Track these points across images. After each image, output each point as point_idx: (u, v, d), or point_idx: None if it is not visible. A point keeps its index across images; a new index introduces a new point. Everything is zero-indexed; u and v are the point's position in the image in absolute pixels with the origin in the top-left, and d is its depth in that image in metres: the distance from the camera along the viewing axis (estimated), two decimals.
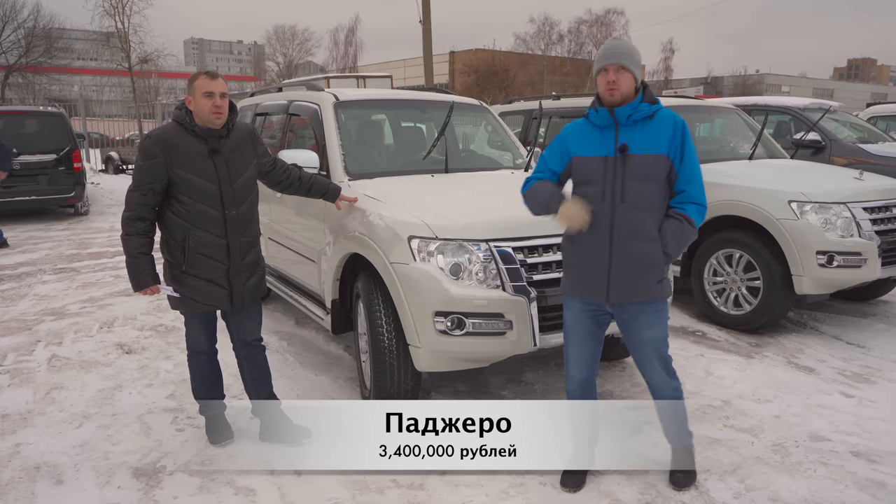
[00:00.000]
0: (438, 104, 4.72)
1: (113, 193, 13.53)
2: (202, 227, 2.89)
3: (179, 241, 2.89)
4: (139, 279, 2.86)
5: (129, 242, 2.83)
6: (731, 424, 3.40)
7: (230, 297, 3.01)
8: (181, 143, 2.83)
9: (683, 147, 2.55)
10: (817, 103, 7.80)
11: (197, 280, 2.93)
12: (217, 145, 2.89)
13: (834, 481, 2.85)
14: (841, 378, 4.03)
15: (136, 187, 2.82)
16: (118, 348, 4.58)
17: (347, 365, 4.32)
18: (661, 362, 2.69)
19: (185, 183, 2.83)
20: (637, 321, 2.63)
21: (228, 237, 2.94)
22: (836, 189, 4.76)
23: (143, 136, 2.89)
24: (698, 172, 2.58)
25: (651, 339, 2.65)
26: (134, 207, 2.82)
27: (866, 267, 4.53)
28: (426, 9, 16.04)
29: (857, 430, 3.32)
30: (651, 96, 2.60)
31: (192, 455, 3.14)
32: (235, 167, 2.95)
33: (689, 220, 2.54)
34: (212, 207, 2.88)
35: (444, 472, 2.92)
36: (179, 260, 2.91)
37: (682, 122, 2.58)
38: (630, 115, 2.56)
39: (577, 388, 2.83)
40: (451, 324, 3.05)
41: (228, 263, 2.97)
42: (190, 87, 2.85)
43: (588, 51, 48.24)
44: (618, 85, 2.55)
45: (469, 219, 3.23)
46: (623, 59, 2.56)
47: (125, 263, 2.88)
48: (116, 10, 25.05)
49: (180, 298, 2.96)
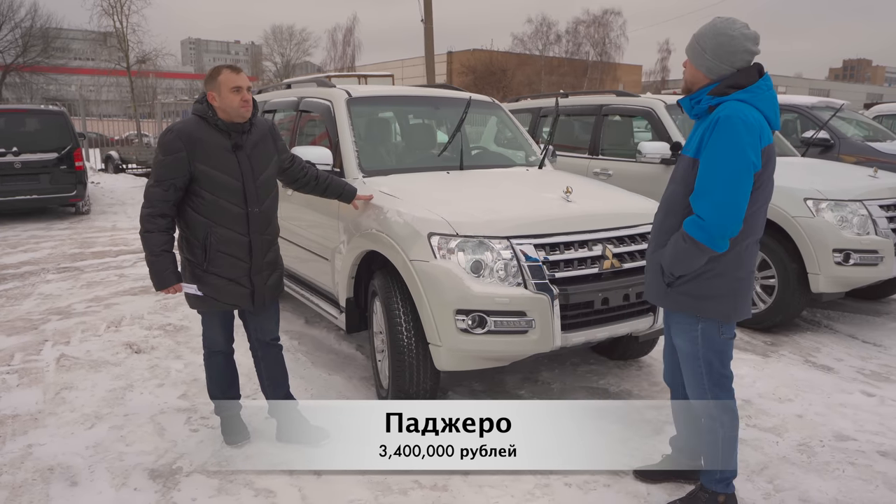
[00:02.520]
0: (451, 101, 4.67)
1: (113, 193, 13.45)
2: (224, 224, 2.83)
3: (200, 239, 2.83)
4: (162, 278, 2.79)
5: (151, 240, 2.76)
6: (754, 424, 3.36)
7: (251, 295, 2.95)
8: (204, 137, 2.76)
9: (705, 147, 2.22)
10: (825, 102, 7.77)
11: (218, 279, 2.87)
12: (240, 140, 2.83)
13: (864, 482, 2.81)
14: (860, 377, 3.99)
15: (156, 182, 2.75)
16: (127, 348, 4.51)
17: (360, 364, 4.26)
18: (693, 379, 2.47)
19: (208, 178, 2.77)
20: (670, 324, 2.56)
21: (251, 234, 2.89)
22: (852, 187, 4.73)
23: (165, 130, 2.82)
24: (712, 181, 2.18)
25: (679, 348, 2.51)
26: (155, 203, 2.75)
27: (882, 265, 4.50)
28: (428, 8, 15.99)
29: (882, 430, 3.28)
30: (724, 87, 2.26)
31: (209, 456, 3.09)
32: (258, 163, 2.89)
33: (682, 233, 2.26)
34: (234, 204, 2.83)
35: (466, 472, 2.87)
36: (200, 258, 2.85)
37: (719, 118, 2.19)
38: (692, 107, 2.36)
39: (667, 380, 2.76)
40: (473, 322, 3.00)
41: (250, 262, 2.91)
42: (212, 82, 2.78)
43: (585, 51, 48.31)
44: (684, 74, 2.40)
45: (490, 216, 3.18)
46: (687, 47, 2.38)
47: (146, 262, 2.81)
48: (115, 9, 24.90)
49: (201, 297, 2.90)
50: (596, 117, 6.35)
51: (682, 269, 2.31)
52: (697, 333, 2.38)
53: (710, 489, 2.54)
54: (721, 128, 2.18)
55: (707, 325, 2.36)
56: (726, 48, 2.25)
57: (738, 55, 2.26)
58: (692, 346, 2.41)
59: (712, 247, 2.22)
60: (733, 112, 2.18)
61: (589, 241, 3.25)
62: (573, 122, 6.76)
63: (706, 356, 2.39)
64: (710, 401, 2.45)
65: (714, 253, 2.26)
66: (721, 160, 2.18)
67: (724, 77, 2.28)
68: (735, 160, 2.16)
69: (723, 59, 2.27)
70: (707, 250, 2.23)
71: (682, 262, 2.30)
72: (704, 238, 2.21)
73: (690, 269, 2.31)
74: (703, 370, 2.41)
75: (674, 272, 2.34)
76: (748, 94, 2.25)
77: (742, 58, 2.27)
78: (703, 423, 2.52)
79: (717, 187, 2.17)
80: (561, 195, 3.46)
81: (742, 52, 2.26)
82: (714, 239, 2.21)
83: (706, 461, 2.57)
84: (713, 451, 2.51)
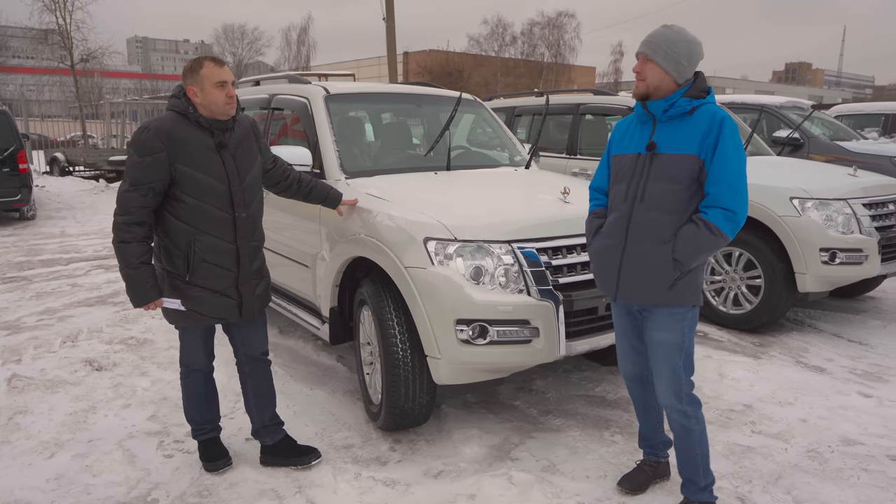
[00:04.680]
0: (433, 98, 4.47)
1: (61, 197, 12.75)
2: (209, 230, 2.57)
3: (182, 248, 2.56)
4: (141, 293, 2.51)
5: (127, 251, 2.47)
6: (760, 430, 3.27)
7: (239, 307, 2.70)
8: (185, 135, 2.50)
9: (717, 146, 2.28)
10: (792, 101, 7.86)
11: (203, 291, 2.61)
12: (224, 139, 2.58)
13: (881, 489, 2.73)
14: (854, 377, 3.96)
15: (132, 186, 2.45)
16: (86, 365, 4.16)
17: (343, 377, 4.02)
18: (669, 373, 2.41)
19: (190, 181, 2.50)
20: (649, 321, 2.47)
21: (238, 241, 2.64)
22: (836, 186, 4.72)
23: (140, 128, 2.53)
24: (733, 175, 2.29)
25: (661, 342, 2.42)
26: (131, 210, 2.46)
27: (867, 263, 4.50)
28: (390, 6, 15.71)
29: (887, 433, 3.23)
30: (698, 90, 2.36)
31: (187, 485, 2.82)
32: (243, 163, 2.65)
33: (710, 226, 2.28)
34: (220, 208, 2.57)
35: (472, 495, 2.68)
36: (182, 269, 2.58)
37: (721, 118, 2.30)
38: (666, 109, 2.37)
39: (629, 383, 2.72)
40: (474, 332, 2.81)
41: (238, 271, 2.66)
42: (193, 76, 2.52)
43: (540, 52, 48.67)
44: (643, 76, 2.39)
45: (489, 218, 3.00)
46: (648, 48, 2.37)
47: (122, 275, 2.52)
48: (57, 5, 23.80)
49: (184, 313, 2.63)
50: (573, 116, 6.24)
51: (701, 260, 2.38)
52: (686, 322, 2.43)
53: (695, 501, 2.50)
54: (728, 128, 2.30)
55: (694, 312, 2.45)
56: (697, 54, 2.38)
57: (698, 60, 2.42)
58: (680, 336, 2.42)
59: (732, 236, 2.35)
60: (726, 113, 2.35)
61: None
62: (549, 121, 6.64)
63: (688, 346, 2.44)
64: (684, 397, 2.43)
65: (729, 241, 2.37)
66: (737, 157, 2.31)
67: (688, 81, 2.39)
68: (742, 156, 2.34)
69: (692, 63, 2.39)
70: (728, 240, 2.34)
71: (704, 253, 2.35)
72: (731, 229, 2.31)
73: (704, 261, 2.40)
74: (681, 361, 2.43)
75: (692, 265, 2.36)
76: (712, 97, 2.43)
77: (699, 62, 2.43)
78: (676, 428, 2.48)
79: (739, 181, 2.31)
80: (558, 196, 3.31)
81: (701, 56, 2.42)
82: (737, 228, 2.34)
83: (685, 471, 2.51)
84: (692, 455, 2.47)
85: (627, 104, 5.77)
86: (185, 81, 2.55)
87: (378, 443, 3.18)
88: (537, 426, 3.33)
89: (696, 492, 2.48)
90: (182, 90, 2.56)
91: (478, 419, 3.40)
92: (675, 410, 2.45)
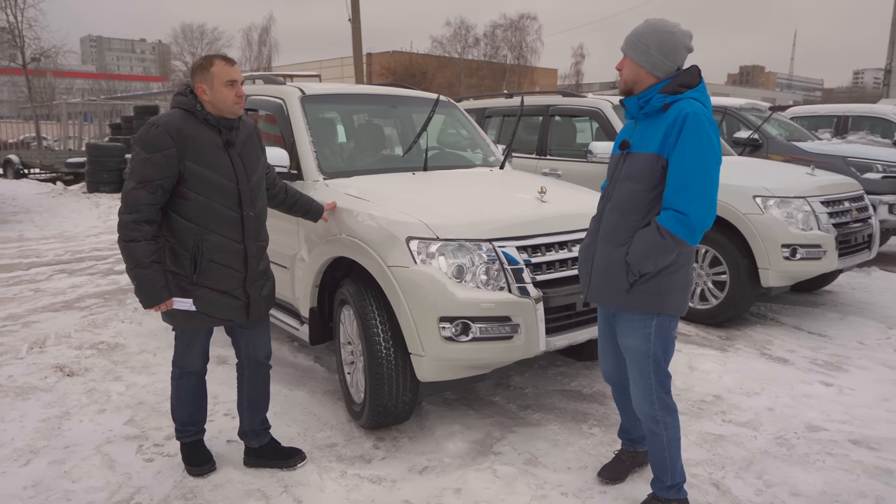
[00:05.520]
0: (408, 99, 4.51)
1: (16, 200, 12.37)
2: (217, 230, 2.56)
3: (189, 248, 2.54)
4: (153, 293, 2.47)
5: (137, 250, 2.43)
6: (730, 419, 3.39)
7: (246, 308, 2.70)
8: (194, 133, 2.50)
9: (676, 144, 2.21)
10: (751, 103, 8.14)
11: (210, 292, 2.59)
12: (231, 137, 2.59)
13: (845, 471, 2.87)
14: (815, 367, 4.13)
15: (141, 184, 2.43)
16: (57, 370, 4.07)
17: (322, 377, 4.03)
18: (639, 377, 2.43)
19: (199, 179, 2.50)
20: (618, 325, 2.50)
21: (245, 241, 2.64)
22: (795, 184, 4.92)
23: (147, 123, 2.51)
24: (690, 175, 2.19)
25: (628, 348, 2.45)
26: (140, 208, 2.43)
27: (826, 258, 4.70)
28: (355, 7, 15.66)
29: (848, 419, 3.39)
30: (676, 85, 2.27)
31: (171, 488, 2.80)
32: (249, 162, 2.66)
33: (659, 228, 2.22)
34: (229, 207, 2.57)
35: (458, 489, 2.73)
36: (188, 269, 2.55)
37: (686, 115, 2.20)
38: (641, 107, 2.35)
39: (608, 381, 2.75)
40: (457, 329, 2.86)
41: (245, 271, 2.66)
42: (203, 73, 2.52)
43: (503, 54, 49.03)
44: (621, 73, 2.39)
45: (470, 217, 3.06)
46: (623, 44, 2.37)
47: (131, 276, 2.48)
48: (8, 2, 23.04)
49: (191, 314, 2.60)
50: (543, 118, 6.35)
51: (652, 265, 2.29)
52: (651, 330, 2.37)
53: (662, 497, 2.52)
54: (690, 125, 2.20)
55: (661, 320, 2.37)
56: (669, 45, 2.30)
57: (678, 51, 2.31)
58: (645, 343, 2.39)
59: (689, 241, 2.23)
60: (697, 109, 2.22)
61: (568, 242, 3.19)
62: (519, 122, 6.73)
63: (655, 353, 2.39)
64: (655, 402, 2.42)
65: (688, 247, 2.28)
66: (696, 156, 2.20)
67: (669, 75, 2.32)
68: (708, 155, 2.20)
69: (667, 56, 2.30)
70: (683, 244, 2.24)
71: (654, 257, 2.28)
72: (684, 232, 2.21)
73: (659, 266, 2.30)
74: (651, 368, 2.40)
75: (642, 269, 2.30)
76: (698, 93, 2.31)
77: (682, 54, 2.33)
78: (647, 430, 2.50)
79: (696, 182, 2.19)
80: (535, 196, 3.39)
81: (682, 48, 2.32)
82: (693, 232, 2.22)
83: (654, 467, 2.53)
84: (660, 457, 2.48)
85: (595, 105, 5.89)
86: (194, 79, 2.55)
87: (361, 441, 3.20)
88: (517, 421, 3.40)
89: (663, 489, 2.51)
90: (188, 88, 2.57)
91: (459, 415, 3.45)
92: (645, 415, 2.47)
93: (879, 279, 6.39)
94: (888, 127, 9.17)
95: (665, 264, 2.31)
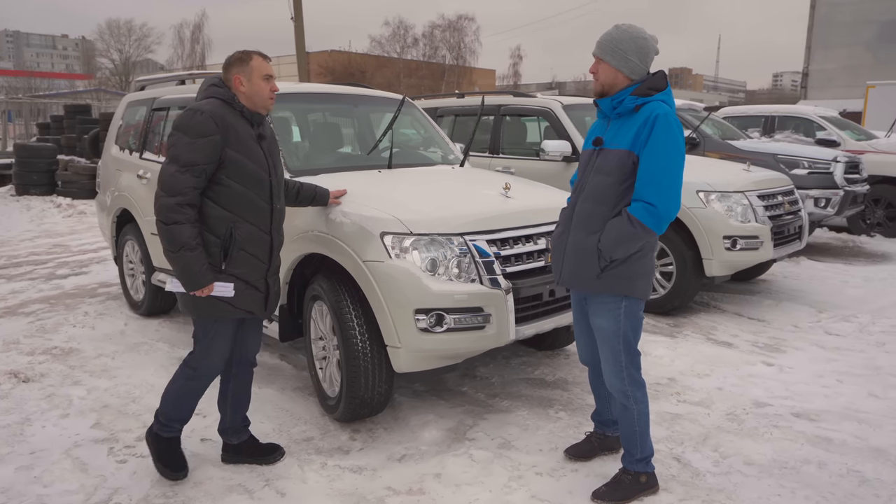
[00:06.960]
0: (370, 99, 4.58)
1: None
2: (250, 219, 2.61)
3: (221, 235, 2.57)
4: (198, 276, 2.49)
5: (181, 232, 2.45)
6: (684, 399, 3.62)
7: (265, 300, 2.74)
8: (234, 122, 2.55)
9: (647, 142, 2.40)
10: (687, 104, 8.56)
11: (237, 281, 2.62)
12: (262, 131, 2.67)
13: (790, 441, 3.13)
14: (756, 350, 4.44)
15: (185, 167, 2.45)
16: (11, 377, 3.94)
17: (289, 374, 4.06)
18: (610, 356, 2.60)
19: (238, 167, 2.54)
20: (589, 308, 2.68)
21: (272, 232, 2.70)
22: (734, 180, 5.24)
23: (188, 110, 2.52)
24: (659, 171, 2.38)
25: (599, 328, 2.62)
26: (184, 191, 2.46)
27: (763, 249, 5.04)
28: (298, 6, 15.49)
29: (789, 394, 3.68)
30: (646, 88, 2.47)
31: (149, 487, 2.79)
32: (274, 156, 2.74)
33: (630, 218, 2.41)
34: (261, 198, 2.63)
35: (438, 474, 2.83)
36: (217, 257, 2.58)
37: (657, 115, 2.39)
38: (615, 107, 2.53)
39: (584, 362, 2.90)
40: (432, 321, 2.96)
41: (269, 262, 2.71)
42: (243, 66, 2.59)
43: (442, 55, 49.31)
44: (597, 76, 2.57)
45: (441, 213, 3.16)
46: (598, 49, 2.54)
47: (175, 258, 2.48)
48: None
49: (215, 303, 2.60)
50: (495, 117, 6.51)
51: (622, 252, 2.48)
52: (621, 311, 2.56)
53: (632, 471, 2.68)
54: (661, 124, 2.40)
55: (630, 302, 2.56)
56: (644, 50, 2.50)
57: (650, 56, 2.53)
58: (615, 324, 2.56)
59: (656, 230, 2.44)
60: (666, 111, 2.44)
61: (534, 235, 3.33)
62: (470, 122, 6.88)
63: (625, 333, 2.57)
64: (625, 378, 2.60)
65: (655, 235, 2.49)
66: (665, 153, 2.40)
67: (643, 78, 2.52)
68: (675, 153, 2.42)
69: (643, 60, 2.51)
70: (651, 233, 2.45)
71: (624, 245, 2.46)
72: (652, 222, 2.41)
73: (628, 252, 2.49)
74: (621, 347, 2.58)
75: (613, 255, 2.48)
76: (665, 95, 2.52)
77: (652, 58, 2.54)
78: (618, 406, 2.67)
79: (665, 176, 2.40)
80: (500, 192, 3.52)
81: (653, 52, 2.54)
82: (661, 222, 2.43)
83: (624, 443, 2.70)
84: (630, 431, 2.66)
85: (546, 105, 6.09)
86: (231, 71, 2.60)
87: (337, 434, 3.26)
88: (487, 408, 3.53)
89: (632, 462, 2.67)
90: (221, 80, 2.63)
91: (430, 405, 3.56)
92: (617, 391, 2.64)
93: (808, 268, 6.86)
94: (810, 126, 9.82)
95: (633, 251, 2.49)
